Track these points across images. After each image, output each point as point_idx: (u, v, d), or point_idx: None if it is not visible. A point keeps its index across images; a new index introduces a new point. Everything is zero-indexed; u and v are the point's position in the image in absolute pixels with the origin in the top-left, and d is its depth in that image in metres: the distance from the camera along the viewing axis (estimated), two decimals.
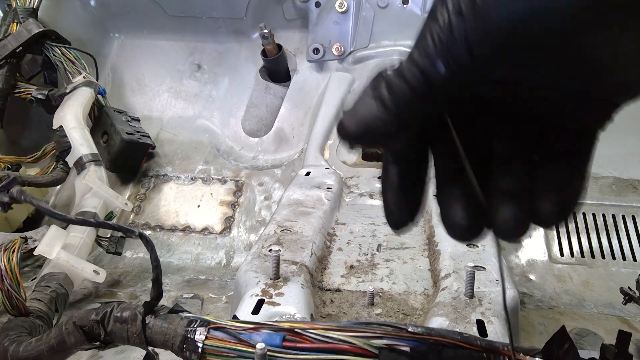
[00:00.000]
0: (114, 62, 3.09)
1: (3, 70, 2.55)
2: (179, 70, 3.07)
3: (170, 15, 2.99)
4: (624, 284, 1.68)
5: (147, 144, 2.66)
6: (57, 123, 2.35)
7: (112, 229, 1.38)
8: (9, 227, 2.36)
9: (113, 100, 2.86)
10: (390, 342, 0.75)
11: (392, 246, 1.67)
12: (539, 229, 2.32)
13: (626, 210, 2.33)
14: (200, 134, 2.90)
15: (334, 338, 0.76)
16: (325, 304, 1.40)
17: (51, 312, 1.53)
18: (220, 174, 2.69)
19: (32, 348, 1.04)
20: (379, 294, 1.43)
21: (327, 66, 2.89)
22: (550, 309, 1.97)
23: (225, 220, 2.49)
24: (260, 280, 1.33)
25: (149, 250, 0.87)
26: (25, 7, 2.63)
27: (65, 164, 2.34)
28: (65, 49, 2.64)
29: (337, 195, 2.00)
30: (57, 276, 1.72)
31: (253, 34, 2.99)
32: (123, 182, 2.68)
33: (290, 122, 2.84)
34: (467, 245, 1.57)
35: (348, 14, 2.82)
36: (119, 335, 0.91)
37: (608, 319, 1.90)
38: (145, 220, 2.51)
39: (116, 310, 0.93)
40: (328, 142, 2.45)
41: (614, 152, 2.59)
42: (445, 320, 1.20)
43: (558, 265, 2.21)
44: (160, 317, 0.90)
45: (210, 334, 0.84)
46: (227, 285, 2.14)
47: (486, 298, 1.28)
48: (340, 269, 1.54)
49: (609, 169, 2.51)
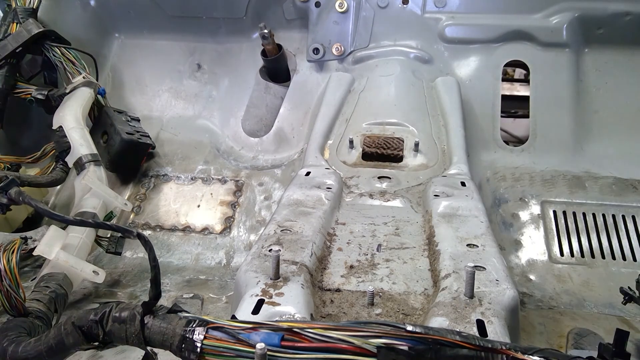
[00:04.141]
0: (114, 62, 3.09)
1: (3, 70, 2.55)
2: (179, 70, 3.07)
3: (171, 16, 3.00)
4: (624, 284, 1.68)
5: (147, 144, 2.66)
6: (56, 123, 2.35)
7: (110, 229, 1.38)
8: (9, 227, 2.36)
9: (113, 100, 2.86)
10: (388, 341, 0.75)
11: (392, 246, 1.66)
12: (539, 229, 2.32)
13: (626, 210, 2.33)
14: (200, 134, 2.90)
15: (333, 337, 0.76)
16: (325, 304, 1.40)
17: (50, 313, 1.53)
18: (220, 174, 2.69)
19: (31, 348, 1.04)
20: (379, 294, 1.42)
21: (327, 66, 2.89)
22: (550, 309, 1.97)
23: (225, 220, 2.49)
24: (260, 280, 1.33)
25: (147, 250, 0.87)
26: (25, 7, 2.63)
27: (64, 164, 2.34)
28: (65, 49, 2.64)
29: (337, 195, 2.00)
30: (57, 276, 1.72)
31: (253, 34, 2.99)
32: (123, 182, 2.68)
33: (290, 122, 2.84)
34: (467, 245, 1.57)
35: (348, 14, 2.82)
36: (117, 336, 0.91)
37: (608, 319, 1.90)
38: (145, 220, 2.51)
39: (115, 311, 0.93)
40: (328, 142, 2.45)
41: (614, 152, 2.59)
42: (445, 320, 1.20)
43: (558, 265, 2.20)
44: (158, 317, 0.90)
45: (209, 334, 0.84)
46: (227, 285, 2.14)
47: (486, 298, 1.28)
48: (340, 269, 1.54)
49: (609, 169, 2.52)
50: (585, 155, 2.60)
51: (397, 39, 2.82)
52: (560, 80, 2.70)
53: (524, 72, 3.59)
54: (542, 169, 2.55)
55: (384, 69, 2.73)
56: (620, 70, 2.71)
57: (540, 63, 2.72)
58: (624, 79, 2.70)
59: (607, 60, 2.73)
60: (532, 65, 2.73)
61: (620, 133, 2.63)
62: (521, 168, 2.57)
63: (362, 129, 2.45)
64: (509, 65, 2.94)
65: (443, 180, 2.09)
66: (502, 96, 2.74)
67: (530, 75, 2.75)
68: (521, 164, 2.59)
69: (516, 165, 2.59)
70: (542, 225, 2.34)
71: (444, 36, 2.79)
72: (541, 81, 2.71)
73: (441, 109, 2.57)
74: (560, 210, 2.37)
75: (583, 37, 2.71)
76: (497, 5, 2.76)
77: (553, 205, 2.39)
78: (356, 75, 2.77)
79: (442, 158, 2.32)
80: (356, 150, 2.36)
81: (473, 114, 2.69)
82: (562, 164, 2.56)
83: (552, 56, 2.72)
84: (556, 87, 2.69)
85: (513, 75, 3.87)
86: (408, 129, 2.43)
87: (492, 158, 2.63)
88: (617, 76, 2.71)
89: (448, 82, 2.68)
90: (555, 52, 2.72)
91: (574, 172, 2.52)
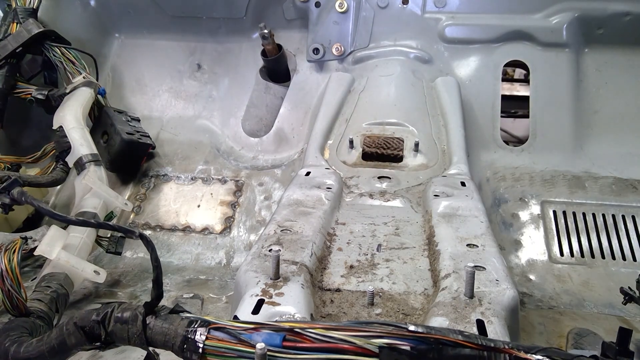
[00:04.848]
0: (114, 62, 3.09)
1: (3, 70, 2.55)
2: (179, 70, 3.08)
3: (171, 16, 3.00)
4: (624, 284, 1.68)
5: (147, 144, 2.66)
6: (57, 123, 2.35)
7: (112, 229, 1.38)
8: (9, 227, 2.36)
9: (113, 100, 2.86)
10: (390, 341, 0.75)
11: (392, 246, 1.67)
12: (539, 229, 2.33)
13: (626, 210, 2.34)
14: (200, 134, 2.90)
15: (335, 338, 0.76)
16: (325, 304, 1.40)
17: (52, 313, 1.53)
18: (220, 174, 2.69)
19: (33, 348, 1.04)
20: (379, 294, 1.43)
21: (327, 66, 2.89)
22: (550, 309, 1.97)
23: (225, 220, 2.49)
24: (260, 280, 1.33)
25: (150, 250, 0.87)
26: (25, 7, 2.63)
27: (65, 164, 2.34)
28: (65, 49, 2.64)
29: (337, 195, 2.00)
30: (58, 276, 1.72)
31: (253, 34, 2.99)
32: (123, 182, 2.68)
33: (290, 122, 2.84)
34: (467, 245, 1.57)
35: (348, 14, 2.82)
36: (119, 336, 0.91)
37: (608, 318, 1.90)
38: (145, 220, 2.51)
39: (117, 311, 0.93)
40: (328, 142, 2.46)
41: (614, 152, 2.60)
42: (445, 320, 1.20)
43: (558, 265, 2.21)
44: (160, 317, 0.91)
45: (211, 334, 0.84)
46: (227, 285, 2.15)
47: (486, 298, 1.28)
48: (340, 269, 1.54)
49: (609, 169, 2.52)
50: (585, 155, 2.60)
51: (397, 39, 2.82)
52: (560, 80, 2.70)
53: (524, 72, 3.59)
54: (542, 169, 2.56)
55: (384, 69, 2.73)
56: (620, 70, 2.71)
57: (540, 63, 2.72)
58: (624, 79, 2.70)
59: (607, 60, 2.73)
60: (532, 65, 2.73)
61: (620, 133, 2.64)
62: (521, 168, 2.57)
63: (362, 129, 2.45)
64: (509, 65, 2.95)
65: (443, 180, 2.09)
66: (502, 96, 2.74)
67: (530, 75, 2.75)
68: (521, 164, 2.59)
69: (516, 165, 2.59)
70: (542, 225, 2.34)
71: (444, 36, 2.79)
72: (541, 81, 2.71)
73: (441, 109, 2.57)
74: (560, 210, 2.37)
75: (583, 37, 2.72)
76: (497, 5, 2.77)
77: (553, 205, 2.39)
78: (356, 75, 2.77)
79: (442, 158, 2.33)
80: (356, 150, 2.36)
81: (473, 114, 2.69)
82: (562, 164, 2.56)
83: (552, 56, 2.72)
84: (556, 87, 2.69)
85: (513, 75, 3.87)
86: (408, 129, 2.43)
87: (492, 158, 2.63)
88: (617, 76, 2.71)
89: (448, 82, 2.68)
90: (555, 52, 2.72)
91: (574, 172, 2.52)
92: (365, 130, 2.44)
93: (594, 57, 2.74)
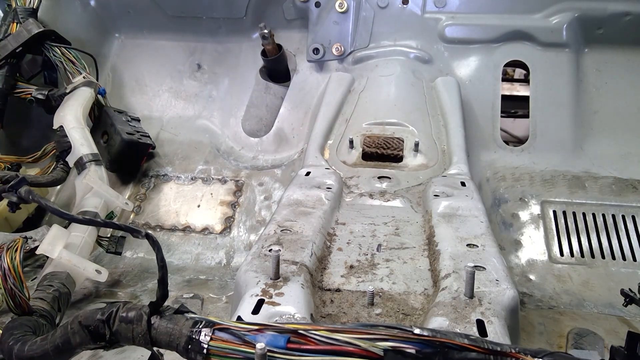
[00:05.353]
0: (114, 62, 3.09)
1: (3, 70, 2.54)
2: (179, 70, 3.08)
3: (171, 16, 3.00)
4: (624, 284, 1.69)
5: (147, 144, 2.66)
6: (57, 123, 2.35)
7: (118, 229, 1.38)
8: (9, 227, 2.35)
9: (113, 100, 2.86)
10: (395, 344, 0.75)
11: (392, 246, 1.67)
12: (539, 229, 2.33)
13: (626, 210, 2.34)
14: (200, 134, 2.90)
15: (339, 340, 0.76)
16: (325, 303, 1.40)
17: (54, 311, 1.53)
18: (220, 174, 2.69)
19: (37, 347, 1.04)
20: (379, 294, 1.43)
21: (327, 66, 2.89)
22: (550, 309, 1.98)
23: (225, 220, 2.50)
24: (260, 280, 1.33)
25: (156, 250, 0.87)
26: (25, 7, 2.63)
27: (65, 163, 2.34)
28: (65, 49, 2.64)
29: (337, 195, 2.00)
30: (60, 275, 1.72)
31: (253, 34, 2.99)
32: (123, 182, 2.68)
33: (290, 122, 2.84)
34: (467, 245, 1.58)
35: (348, 14, 2.83)
36: (124, 336, 0.92)
37: (608, 319, 1.91)
38: (145, 220, 2.52)
39: (122, 310, 0.93)
40: (328, 142, 2.46)
41: (614, 152, 2.60)
42: (445, 320, 1.20)
43: (558, 265, 2.21)
44: (165, 317, 0.91)
45: (215, 335, 0.84)
46: (227, 285, 2.15)
47: (486, 298, 1.29)
48: (340, 269, 1.55)
49: (609, 169, 2.52)
50: (585, 155, 2.60)
51: (397, 39, 2.82)
52: (560, 81, 2.70)
53: (524, 72, 3.59)
54: (542, 169, 2.56)
55: (384, 69, 2.73)
56: (620, 70, 2.71)
57: (540, 63, 2.73)
58: (624, 79, 2.71)
59: (607, 60, 2.74)
60: (532, 65, 2.73)
61: (620, 133, 2.64)
62: (521, 168, 2.57)
63: (362, 129, 2.45)
64: (509, 65, 2.95)
65: (443, 180, 2.09)
66: (502, 96, 2.75)
67: (530, 75, 2.75)
68: (521, 164, 2.60)
69: (516, 165, 2.59)
70: (542, 225, 2.34)
71: (444, 36, 2.79)
72: (541, 81, 2.71)
73: (441, 109, 2.57)
74: (560, 210, 2.38)
75: (583, 37, 2.72)
76: (497, 5, 2.77)
77: (553, 205, 2.40)
78: (356, 75, 2.77)
79: (442, 158, 2.33)
80: (356, 150, 2.37)
81: (473, 114, 2.69)
82: (562, 164, 2.57)
83: (552, 56, 2.72)
84: (556, 87, 2.70)
85: (513, 75, 3.87)
86: (408, 129, 2.43)
87: (492, 158, 2.64)
88: (617, 76, 2.71)
89: (448, 82, 2.68)
90: (555, 52, 2.72)
91: (574, 172, 2.53)
92: (365, 130, 2.45)
93: (594, 57, 2.75)
